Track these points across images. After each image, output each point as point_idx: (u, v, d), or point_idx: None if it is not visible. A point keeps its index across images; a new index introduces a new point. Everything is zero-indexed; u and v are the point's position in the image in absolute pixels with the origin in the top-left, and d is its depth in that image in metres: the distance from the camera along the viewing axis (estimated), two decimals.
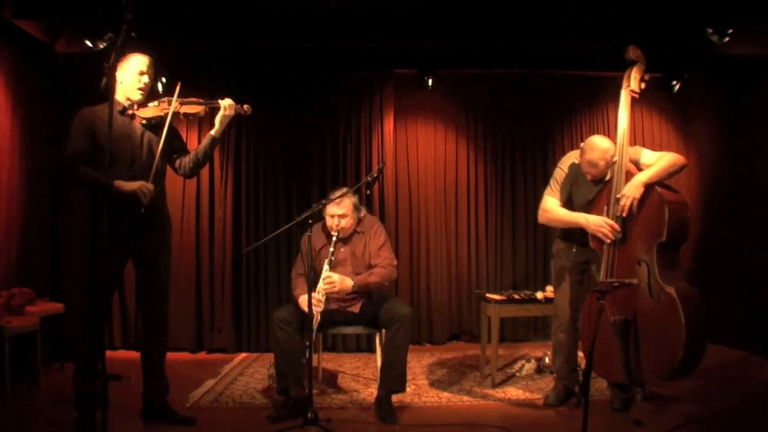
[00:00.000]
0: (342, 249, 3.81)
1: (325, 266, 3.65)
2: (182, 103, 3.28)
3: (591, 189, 3.54)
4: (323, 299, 3.57)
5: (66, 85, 4.96)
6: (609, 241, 3.31)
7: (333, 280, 3.60)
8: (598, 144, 3.46)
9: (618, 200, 3.29)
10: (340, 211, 3.73)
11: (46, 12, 4.33)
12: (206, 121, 4.77)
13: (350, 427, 3.38)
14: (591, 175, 3.51)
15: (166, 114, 3.22)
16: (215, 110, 3.39)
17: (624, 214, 3.28)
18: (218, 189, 5.41)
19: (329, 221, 3.78)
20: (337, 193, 3.72)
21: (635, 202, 3.26)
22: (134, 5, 2.39)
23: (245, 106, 3.43)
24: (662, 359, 3.11)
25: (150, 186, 3.13)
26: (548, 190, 3.70)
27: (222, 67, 5.31)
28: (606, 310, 3.17)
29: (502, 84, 5.69)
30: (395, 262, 3.86)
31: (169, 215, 3.45)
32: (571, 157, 3.71)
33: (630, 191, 3.27)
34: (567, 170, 3.66)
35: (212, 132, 3.41)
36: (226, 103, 3.35)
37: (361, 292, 3.72)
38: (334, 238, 3.71)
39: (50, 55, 4.85)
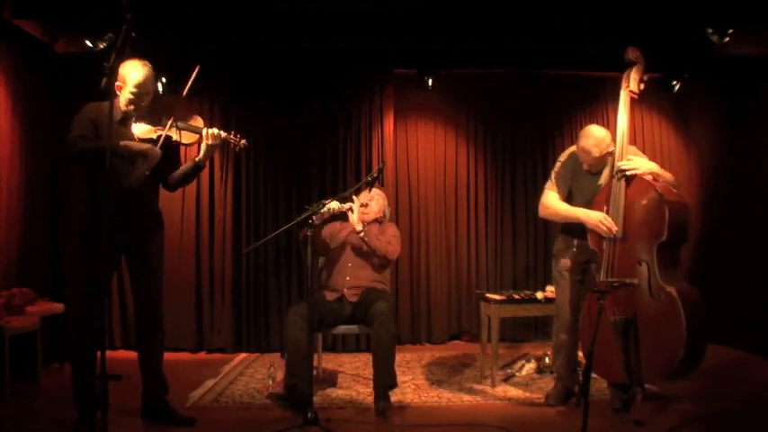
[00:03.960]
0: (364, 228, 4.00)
1: (354, 199, 3.96)
2: (178, 128, 3.26)
3: (589, 180, 3.57)
4: (340, 207, 3.87)
5: (66, 85, 4.96)
6: (606, 236, 3.33)
7: (351, 207, 3.93)
8: (593, 132, 3.51)
9: (622, 172, 3.32)
10: (373, 198, 4.09)
11: (46, 12, 4.33)
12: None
13: (350, 426, 3.37)
14: (586, 163, 3.55)
15: (159, 137, 3.20)
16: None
17: (622, 166, 3.31)
18: (218, 189, 5.42)
19: (364, 196, 4.04)
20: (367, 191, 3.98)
21: (633, 172, 3.30)
22: (134, 5, 2.39)
23: (241, 141, 3.38)
24: (662, 359, 3.11)
25: (159, 151, 3.11)
26: (548, 184, 3.72)
27: (222, 68, 5.31)
28: (606, 310, 3.17)
29: (502, 84, 5.69)
30: (398, 250, 4.11)
31: (162, 216, 3.44)
32: (571, 151, 3.74)
33: (639, 163, 3.33)
34: (565, 162, 3.69)
35: (196, 159, 3.37)
36: (210, 132, 3.29)
37: (364, 238, 3.93)
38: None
39: (50, 55, 4.85)
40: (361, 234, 3.92)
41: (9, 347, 3.79)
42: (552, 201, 3.65)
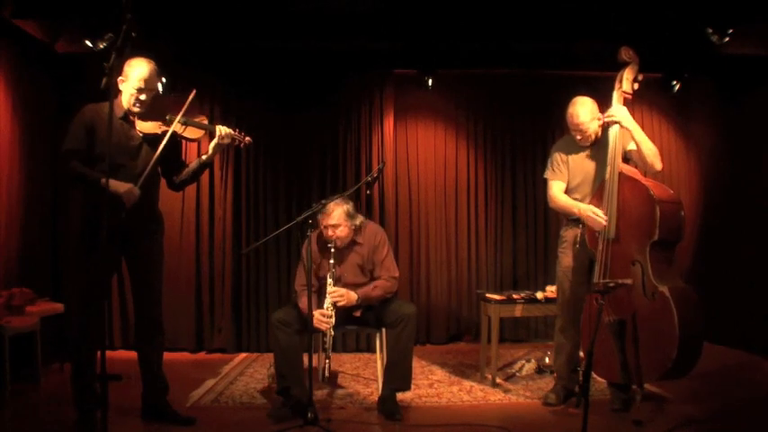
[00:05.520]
0: (344, 259, 3.76)
1: (329, 281, 3.61)
2: (183, 124, 3.26)
3: (582, 154, 3.65)
4: (332, 314, 3.55)
5: (66, 85, 4.97)
6: (598, 228, 3.38)
7: (340, 293, 3.58)
8: (580, 99, 3.62)
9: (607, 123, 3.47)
10: (332, 221, 3.64)
11: (46, 12, 4.34)
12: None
13: (350, 427, 3.37)
14: (578, 132, 3.60)
15: (164, 133, 3.20)
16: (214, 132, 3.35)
17: (605, 118, 3.47)
18: (218, 189, 5.41)
19: (325, 233, 3.70)
20: (330, 206, 3.61)
21: (612, 119, 3.45)
22: (134, 5, 2.39)
23: (246, 138, 3.38)
24: (656, 359, 3.11)
25: (137, 192, 3.10)
26: (548, 173, 3.77)
27: (222, 68, 5.32)
28: (603, 310, 3.17)
29: (502, 83, 5.70)
30: (396, 274, 3.81)
31: (162, 218, 3.44)
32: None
33: (620, 114, 3.44)
34: (558, 148, 3.79)
35: (203, 157, 3.38)
36: (222, 131, 3.30)
37: (364, 304, 3.70)
38: (333, 251, 3.65)
39: (50, 55, 4.85)
40: (360, 301, 3.65)
41: (9, 347, 3.80)
42: (556, 192, 3.70)
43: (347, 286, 3.70)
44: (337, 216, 3.64)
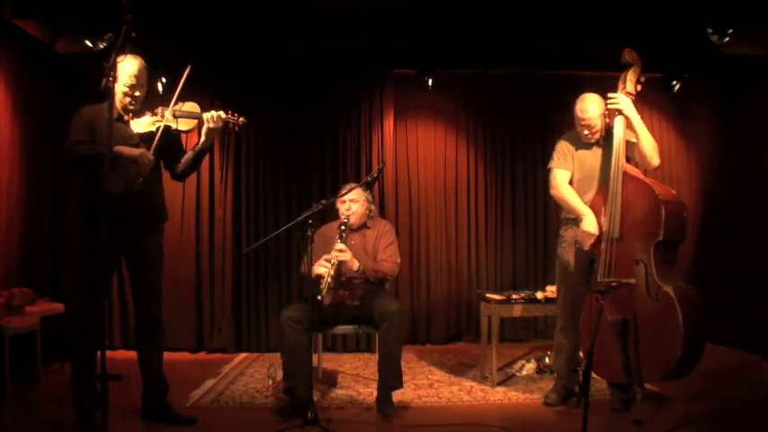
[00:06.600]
0: (351, 241, 3.88)
1: (338, 241, 3.75)
2: (175, 116, 3.24)
3: (587, 153, 3.63)
4: (334, 263, 3.66)
5: (66, 86, 4.97)
6: (585, 248, 3.43)
7: (344, 248, 3.71)
8: (587, 95, 3.60)
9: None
10: (351, 195, 3.88)
11: (46, 12, 4.34)
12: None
13: (350, 427, 3.37)
14: (585, 128, 3.58)
15: (159, 129, 3.19)
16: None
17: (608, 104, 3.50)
18: (218, 189, 5.42)
19: (341, 208, 3.91)
20: (350, 185, 3.91)
21: (613, 106, 3.46)
22: (134, 5, 2.39)
23: (240, 119, 3.31)
24: (660, 358, 3.11)
25: (151, 157, 3.10)
26: (553, 161, 3.74)
27: (222, 67, 5.31)
28: (605, 310, 3.17)
29: (502, 83, 5.69)
30: (398, 260, 3.98)
31: (165, 213, 3.42)
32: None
33: (623, 102, 3.45)
34: (564, 138, 3.78)
35: (199, 146, 3.37)
36: (209, 116, 3.25)
37: (363, 276, 3.78)
38: (345, 222, 3.82)
39: (50, 55, 4.85)
40: (360, 271, 3.77)
41: (9, 347, 3.80)
42: (562, 182, 3.66)
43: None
44: (356, 193, 3.91)
